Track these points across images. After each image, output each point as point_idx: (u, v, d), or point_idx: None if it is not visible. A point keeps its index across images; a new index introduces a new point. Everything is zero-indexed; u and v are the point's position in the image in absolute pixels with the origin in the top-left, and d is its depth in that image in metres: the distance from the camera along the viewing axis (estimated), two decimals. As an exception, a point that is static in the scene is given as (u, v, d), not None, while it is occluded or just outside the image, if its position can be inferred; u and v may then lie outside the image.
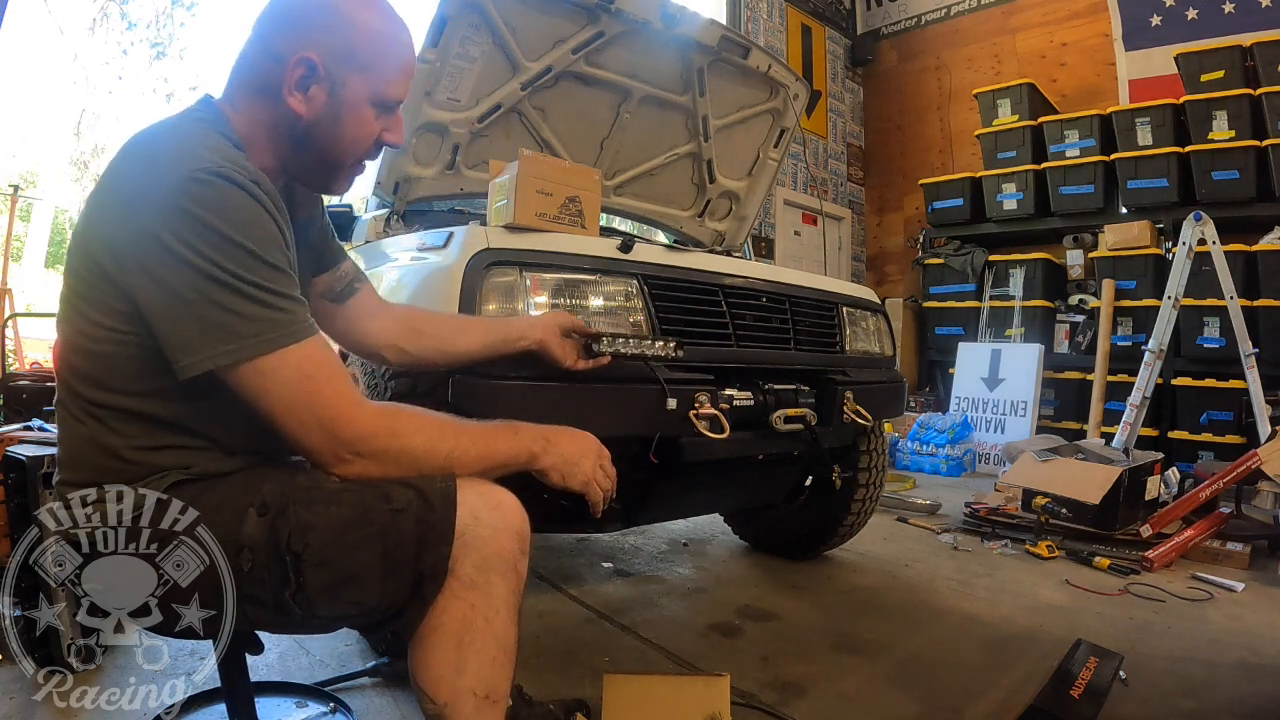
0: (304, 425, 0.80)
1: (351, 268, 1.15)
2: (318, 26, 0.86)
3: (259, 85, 0.88)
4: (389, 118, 0.93)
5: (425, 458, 0.84)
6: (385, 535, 0.80)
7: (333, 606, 0.83)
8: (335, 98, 0.88)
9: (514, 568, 0.84)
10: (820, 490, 2.29)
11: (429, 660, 0.82)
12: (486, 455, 0.88)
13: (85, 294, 0.82)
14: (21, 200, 5.66)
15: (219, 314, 0.76)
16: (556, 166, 1.62)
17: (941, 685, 1.60)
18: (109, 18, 6.60)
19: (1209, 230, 3.51)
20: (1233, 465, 2.82)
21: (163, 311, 0.77)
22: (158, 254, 0.75)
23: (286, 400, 0.79)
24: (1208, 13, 4.98)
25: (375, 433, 0.82)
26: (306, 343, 0.80)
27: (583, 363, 1.30)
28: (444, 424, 0.87)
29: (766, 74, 2.55)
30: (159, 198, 0.75)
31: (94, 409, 0.83)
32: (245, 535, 0.81)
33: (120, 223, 0.78)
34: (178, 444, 0.85)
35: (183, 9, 6.91)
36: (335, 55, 0.86)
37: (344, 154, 0.93)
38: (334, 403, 0.80)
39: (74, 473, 0.85)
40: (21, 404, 3.23)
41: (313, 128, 0.89)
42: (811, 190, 6.37)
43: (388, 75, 0.90)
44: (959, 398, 5.06)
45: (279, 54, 0.86)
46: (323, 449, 0.81)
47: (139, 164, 0.82)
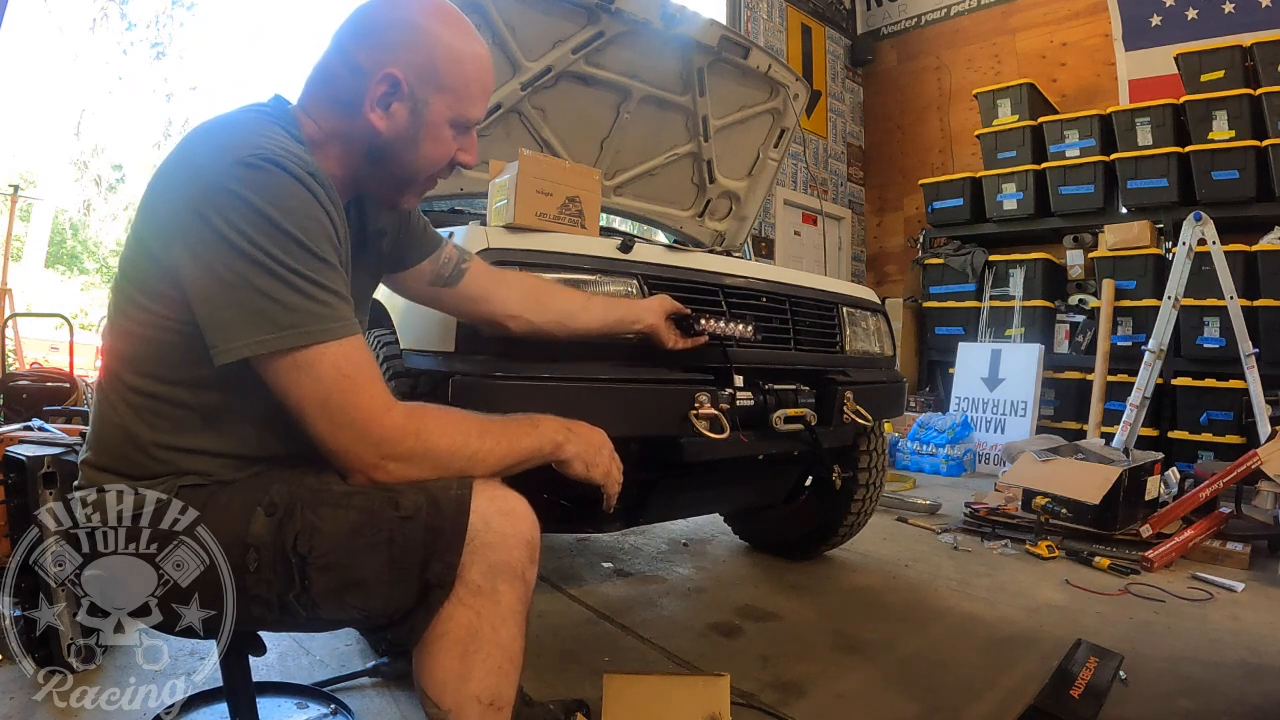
0: (335, 426, 0.78)
1: (454, 250, 1.19)
2: (404, 44, 0.86)
3: (338, 97, 0.88)
4: (465, 138, 0.93)
5: (451, 458, 0.83)
6: (392, 543, 0.80)
7: (337, 610, 0.83)
8: (416, 116, 0.88)
9: (522, 576, 0.83)
10: (820, 490, 2.29)
11: (434, 666, 0.82)
12: (511, 451, 0.88)
13: (134, 278, 0.83)
14: (21, 200, 5.66)
15: (260, 300, 0.74)
16: (556, 166, 1.62)
17: (941, 685, 1.60)
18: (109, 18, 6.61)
19: (1209, 230, 3.51)
20: (1233, 465, 2.82)
21: (204, 293, 0.76)
22: (202, 234, 0.74)
23: (320, 398, 0.77)
24: (1208, 13, 4.98)
25: (404, 435, 0.81)
26: (346, 341, 0.79)
27: (683, 342, 1.45)
28: (468, 422, 0.86)
29: (766, 74, 2.55)
30: (209, 180, 0.75)
31: (132, 395, 0.83)
32: (252, 534, 0.80)
33: (169, 205, 0.78)
34: (201, 448, 0.84)
35: (183, 9, 6.92)
36: (420, 74, 0.86)
37: (419, 171, 0.93)
38: (367, 405, 0.79)
39: (99, 455, 0.86)
40: (21, 404, 3.24)
41: (390, 144, 0.89)
42: (811, 190, 6.37)
43: (469, 97, 0.90)
44: (959, 398, 5.06)
45: (362, 68, 0.86)
46: (353, 451, 0.80)
47: (195, 149, 0.81)
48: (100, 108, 8.62)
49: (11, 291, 4.80)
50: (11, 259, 5.17)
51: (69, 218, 13.27)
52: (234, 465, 0.86)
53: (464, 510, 0.81)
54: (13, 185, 5.43)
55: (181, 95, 6.95)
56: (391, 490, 0.82)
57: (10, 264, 5.07)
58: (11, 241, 5.18)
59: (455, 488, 0.82)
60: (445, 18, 0.89)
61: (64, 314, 5.22)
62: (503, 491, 0.85)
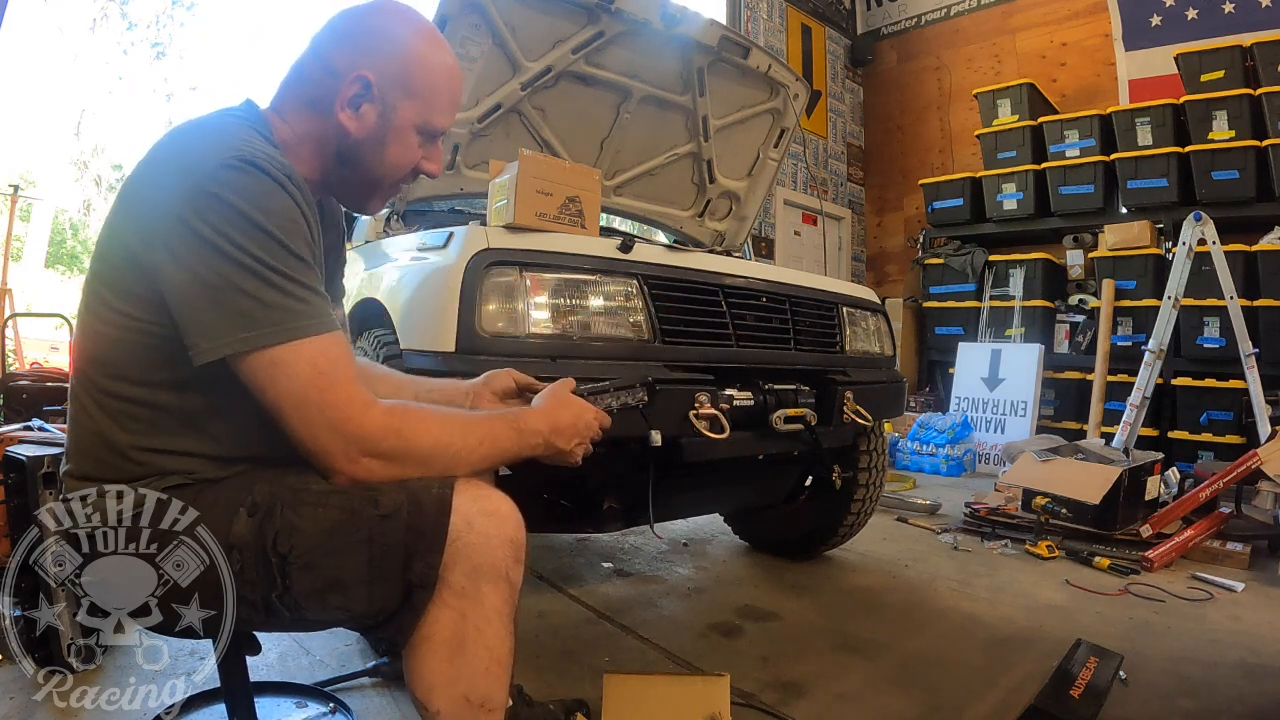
0: (312, 424, 0.78)
1: (342, 315, 1.13)
2: (377, 50, 0.89)
3: (311, 98, 0.90)
4: (431, 147, 0.96)
5: (433, 456, 0.83)
6: (372, 542, 0.79)
7: (320, 611, 0.82)
8: (385, 119, 0.90)
9: (506, 576, 0.83)
10: (820, 490, 2.29)
11: (421, 669, 0.82)
12: (494, 450, 0.88)
13: (108, 279, 0.83)
14: (21, 200, 5.66)
15: (242, 300, 0.75)
16: (556, 166, 1.62)
17: (941, 685, 1.60)
18: (109, 18, 6.60)
19: (1209, 230, 3.51)
20: (1233, 465, 2.82)
21: (183, 294, 0.77)
22: (182, 236, 0.75)
23: (296, 395, 0.77)
24: (1208, 13, 4.98)
25: (384, 434, 0.81)
26: (324, 337, 0.79)
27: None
28: (450, 421, 0.86)
29: (766, 74, 2.55)
30: (189, 182, 0.76)
31: (105, 399, 0.83)
32: (235, 535, 0.80)
33: (148, 207, 0.79)
34: (180, 449, 0.84)
35: (183, 9, 6.92)
36: (390, 78, 0.89)
37: (385, 175, 0.95)
38: (345, 404, 0.79)
39: (79, 464, 0.85)
40: (21, 404, 3.23)
41: (359, 145, 0.91)
42: (811, 190, 6.37)
43: (437, 106, 0.93)
44: (959, 398, 5.06)
45: (336, 70, 0.89)
46: (330, 449, 0.79)
47: (171, 152, 0.83)
48: (100, 108, 8.61)
49: (11, 291, 4.79)
50: (11, 259, 5.16)
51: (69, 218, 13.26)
52: (216, 465, 0.86)
53: (445, 510, 0.80)
54: (13, 185, 5.43)
55: (181, 95, 6.94)
56: (372, 489, 0.81)
57: (10, 264, 5.07)
58: (11, 241, 5.18)
59: (437, 487, 0.82)
60: (420, 29, 0.92)
61: (64, 314, 5.22)
62: (487, 491, 0.85)
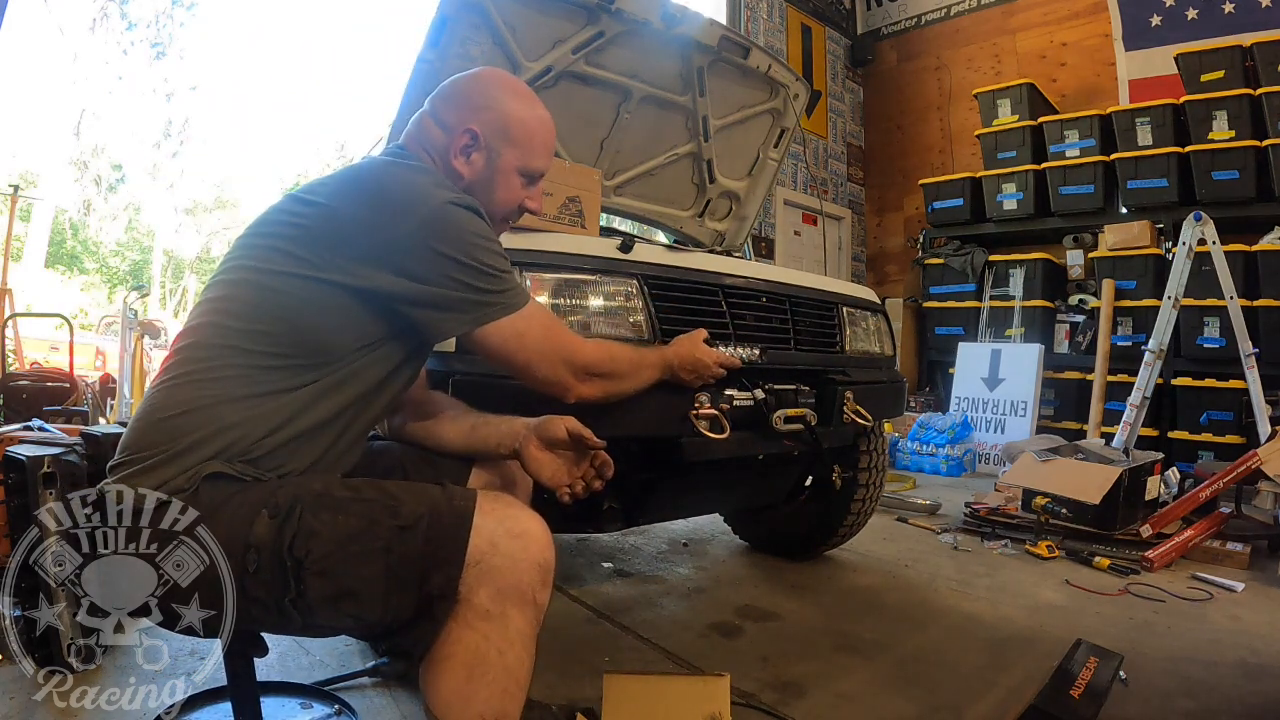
0: (550, 361, 1.05)
1: None
2: (481, 107, 1.09)
3: (432, 147, 1.09)
4: (532, 188, 1.15)
5: (628, 374, 1.20)
6: (389, 552, 0.80)
7: (333, 617, 0.83)
8: (491, 164, 1.09)
9: (533, 600, 0.83)
10: (820, 490, 2.29)
11: (439, 686, 0.82)
12: (652, 375, 1.29)
13: (310, 259, 0.91)
14: (21, 200, 5.66)
15: (486, 295, 0.97)
16: (557, 166, 1.62)
17: (941, 685, 1.60)
18: (109, 18, 6.61)
19: (1209, 230, 3.51)
20: (1233, 465, 2.82)
21: (432, 298, 0.94)
22: (434, 261, 0.93)
23: (538, 341, 1.03)
24: (1208, 13, 4.98)
25: (600, 359, 1.12)
26: (535, 303, 1.06)
27: (566, 490, 1.03)
28: (627, 350, 1.24)
29: (766, 74, 2.55)
30: (427, 216, 0.93)
31: (248, 357, 0.89)
32: (254, 535, 0.81)
33: (383, 234, 0.92)
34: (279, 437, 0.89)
35: (183, 9, 6.92)
36: (494, 130, 1.08)
37: (494, 211, 1.11)
38: (570, 342, 1.09)
39: (139, 451, 0.85)
40: (21, 404, 3.24)
41: (471, 187, 1.08)
42: (811, 190, 6.37)
43: (533, 151, 1.11)
44: (959, 398, 5.06)
45: (449, 125, 1.08)
46: (565, 378, 1.07)
47: (397, 189, 0.96)
48: (100, 108, 8.63)
49: (11, 291, 4.80)
50: (11, 259, 5.17)
51: (69, 218, 13.27)
52: (273, 456, 0.89)
53: (465, 523, 0.81)
54: (13, 185, 5.44)
55: (181, 95, 6.97)
56: (393, 499, 0.83)
57: (10, 264, 5.07)
58: (11, 241, 5.19)
59: (458, 499, 0.83)
60: (515, 90, 1.13)
61: (64, 314, 5.23)
62: (516, 511, 0.85)
